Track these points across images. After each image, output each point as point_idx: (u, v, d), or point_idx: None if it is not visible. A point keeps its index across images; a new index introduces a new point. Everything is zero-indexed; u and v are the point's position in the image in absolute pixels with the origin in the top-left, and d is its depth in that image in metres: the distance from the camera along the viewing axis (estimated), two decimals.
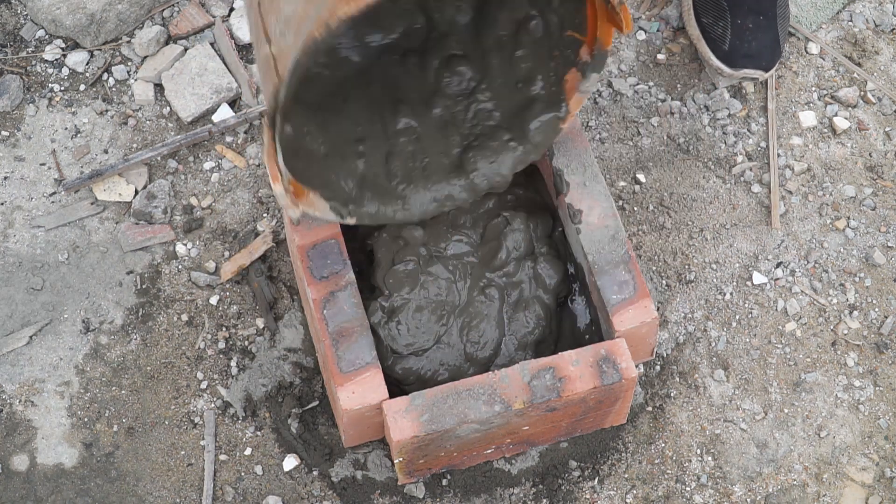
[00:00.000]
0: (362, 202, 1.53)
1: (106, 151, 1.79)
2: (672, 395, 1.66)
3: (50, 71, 1.85)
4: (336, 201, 1.51)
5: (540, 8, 1.47)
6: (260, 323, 1.68)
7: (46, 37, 1.87)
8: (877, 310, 1.71)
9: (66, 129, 1.81)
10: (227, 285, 1.71)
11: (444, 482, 1.60)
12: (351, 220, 1.53)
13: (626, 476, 1.61)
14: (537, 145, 1.55)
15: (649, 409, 1.65)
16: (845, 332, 1.70)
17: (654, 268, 1.73)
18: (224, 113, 1.81)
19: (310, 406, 1.63)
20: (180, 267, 1.72)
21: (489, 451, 1.56)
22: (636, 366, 1.65)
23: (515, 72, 1.54)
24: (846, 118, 1.84)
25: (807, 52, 1.88)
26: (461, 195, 1.57)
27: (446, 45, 1.53)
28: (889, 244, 1.75)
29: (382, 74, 1.52)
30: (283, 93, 1.31)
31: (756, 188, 1.78)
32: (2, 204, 1.76)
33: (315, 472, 1.60)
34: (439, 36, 1.51)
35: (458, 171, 1.56)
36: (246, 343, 1.67)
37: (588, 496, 1.60)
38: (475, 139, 1.57)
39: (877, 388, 1.67)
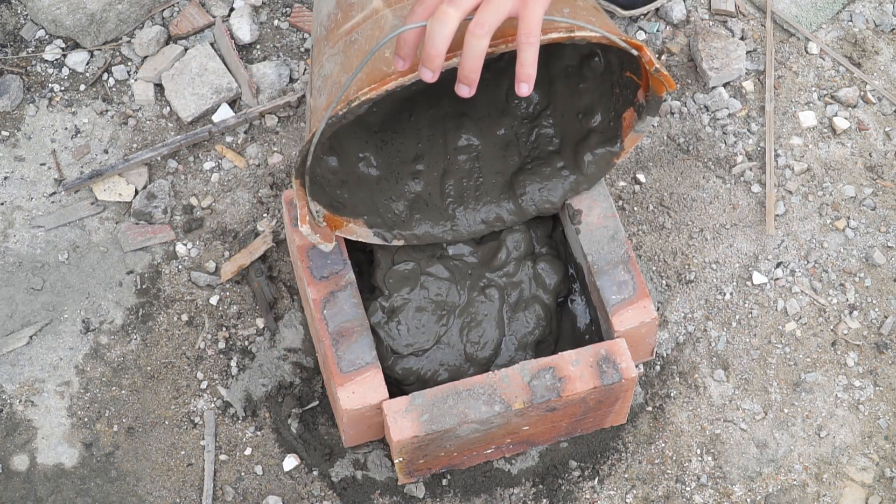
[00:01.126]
0: (411, 224, 1.56)
1: (106, 151, 1.79)
2: (672, 395, 1.66)
3: (50, 71, 1.85)
4: (381, 227, 1.55)
5: (602, 47, 1.50)
6: (260, 323, 1.68)
7: (46, 37, 1.87)
8: (877, 310, 1.71)
9: (66, 129, 1.81)
10: (227, 285, 1.71)
11: (444, 482, 1.60)
12: (397, 243, 1.56)
13: (626, 476, 1.61)
14: (589, 177, 1.56)
15: (649, 409, 1.65)
16: (845, 332, 1.70)
17: (654, 268, 1.73)
18: (224, 113, 1.81)
19: (310, 406, 1.63)
20: (180, 267, 1.72)
21: (489, 451, 1.56)
22: (636, 366, 1.65)
23: (578, 103, 1.56)
24: (846, 118, 1.84)
25: (807, 52, 1.88)
26: (510, 217, 1.58)
27: None
28: (889, 244, 1.75)
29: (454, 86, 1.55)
30: (310, 151, 1.35)
31: (756, 188, 1.78)
32: (2, 204, 1.76)
33: (315, 472, 1.60)
34: (512, 58, 1.55)
35: (508, 192, 1.58)
36: (246, 343, 1.67)
37: (588, 496, 1.60)
38: (531, 162, 1.58)
39: (877, 388, 1.67)
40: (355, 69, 1.28)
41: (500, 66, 1.56)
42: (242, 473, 1.60)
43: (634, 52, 1.35)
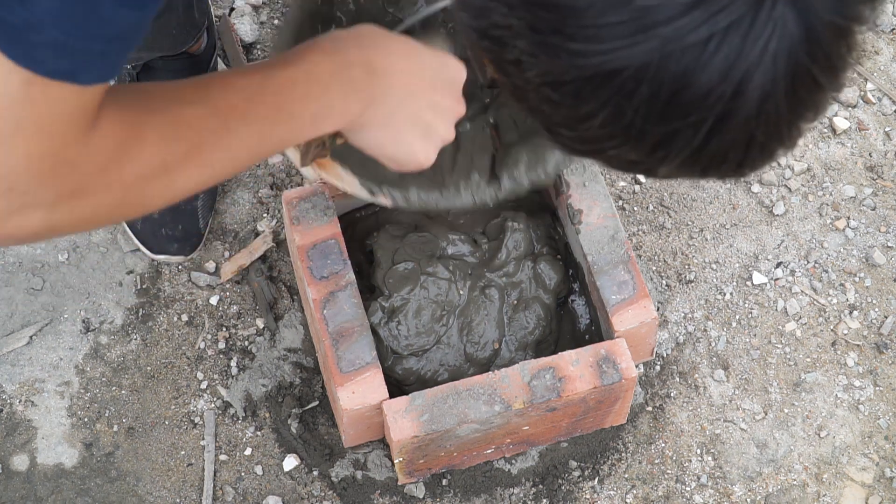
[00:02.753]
0: (401, 184, 1.46)
1: None
2: (672, 395, 1.66)
3: None
4: (370, 179, 1.44)
5: None
6: (260, 323, 1.68)
7: None
8: (877, 310, 1.71)
9: None
10: (227, 285, 1.71)
11: (444, 482, 1.60)
12: (384, 201, 1.46)
13: (626, 476, 1.61)
14: None
15: (649, 409, 1.65)
16: (845, 332, 1.70)
17: (654, 268, 1.73)
18: None
19: (310, 406, 1.63)
20: (180, 267, 1.72)
21: (489, 451, 1.56)
22: (636, 366, 1.65)
23: None
24: (846, 118, 1.84)
25: None
26: (503, 191, 1.54)
27: None
28: (889, 244, 1.75)
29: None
30: None
31: (756, 188, 1.78)
32: None
33: (315, 472, 1.60)
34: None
35: (502, 164, 1.53)
36: (246, 343, 1.67)
37: (588, 496, 1.60)
38: (526, 135, 1.55)
39: (877, 388, 1.67)
40: None
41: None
42: (242, 473, 1.60)
43: None
